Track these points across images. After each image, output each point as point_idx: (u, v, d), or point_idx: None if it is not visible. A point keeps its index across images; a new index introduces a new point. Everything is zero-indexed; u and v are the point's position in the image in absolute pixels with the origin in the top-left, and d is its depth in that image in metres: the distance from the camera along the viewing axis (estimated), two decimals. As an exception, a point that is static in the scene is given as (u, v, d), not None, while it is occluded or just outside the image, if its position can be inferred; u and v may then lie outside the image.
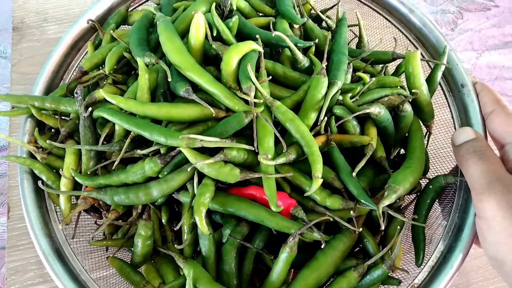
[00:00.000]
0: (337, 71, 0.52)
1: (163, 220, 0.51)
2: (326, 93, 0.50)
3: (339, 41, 0.56)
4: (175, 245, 0.46)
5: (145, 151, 0.47)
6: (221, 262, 0.46)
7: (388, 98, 0.55)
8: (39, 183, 0.51)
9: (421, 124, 0.57)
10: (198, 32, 0.50)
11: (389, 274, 0.49)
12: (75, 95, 0.52)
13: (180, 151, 0.46)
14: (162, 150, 0.48)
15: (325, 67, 0.50)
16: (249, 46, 0.49)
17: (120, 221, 0.52)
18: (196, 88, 0.49)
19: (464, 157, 0.45)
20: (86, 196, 0.50)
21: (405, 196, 0.57)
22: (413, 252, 0.56)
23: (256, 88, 0.47)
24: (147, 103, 0.48)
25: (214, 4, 0.53)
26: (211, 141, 0.43)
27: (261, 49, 0.50)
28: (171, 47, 0.49)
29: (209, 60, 0.54)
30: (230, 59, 0.48)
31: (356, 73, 0.57)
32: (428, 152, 0.60)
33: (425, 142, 0.58)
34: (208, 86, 0.48)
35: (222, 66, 0.49)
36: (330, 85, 0.50)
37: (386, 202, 0.45)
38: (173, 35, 0.50)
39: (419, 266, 0.54)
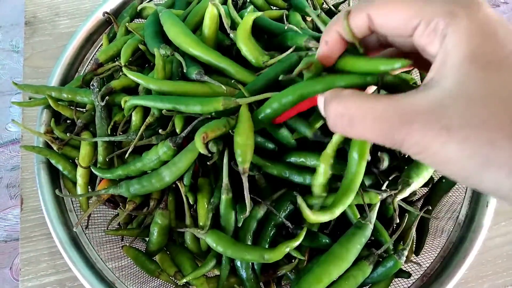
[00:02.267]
0: None
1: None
2: None
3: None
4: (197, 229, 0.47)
5: (164, 131, 0.47)
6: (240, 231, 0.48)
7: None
8: (57, 191, 0.51)
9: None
10: (211, 22, 0.50)
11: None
12: (91, 87, 0.53)
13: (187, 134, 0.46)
14: (178, 130, 0.47)
15: None
16: (250, 17, 0.50)
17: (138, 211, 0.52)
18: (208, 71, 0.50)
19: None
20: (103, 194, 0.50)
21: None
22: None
23: None
24: (165, 80, 0.49)
25: (229, -4, 0.54)
26: (245, 99, 0.43)
27: (259, 13, 0.51)
28: (177, 31, 0.51)
29: (224, 51, 0.54)
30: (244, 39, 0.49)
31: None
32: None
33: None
34: (216, 61, 0.49)
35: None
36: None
37: (400, 196, 0.45)
38: (176, 21, 0.52)
39: (417, 255, 0.56)
